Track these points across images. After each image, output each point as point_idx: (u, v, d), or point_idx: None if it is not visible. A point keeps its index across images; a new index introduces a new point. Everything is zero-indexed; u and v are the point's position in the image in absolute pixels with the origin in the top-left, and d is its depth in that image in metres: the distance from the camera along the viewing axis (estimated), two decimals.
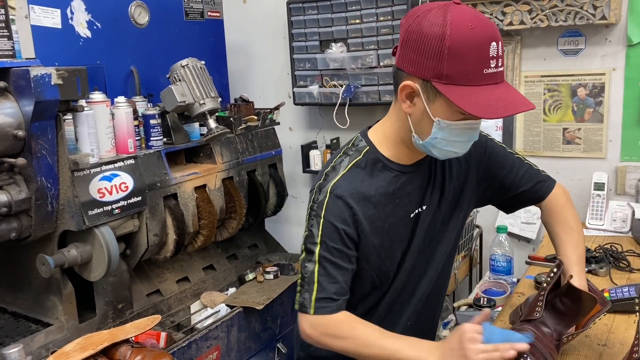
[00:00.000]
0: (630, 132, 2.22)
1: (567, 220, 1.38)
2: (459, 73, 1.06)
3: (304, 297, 1.19)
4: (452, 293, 2.24)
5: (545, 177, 1.41)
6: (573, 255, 1.33)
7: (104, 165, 1.91)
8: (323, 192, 1.20)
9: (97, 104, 1.91)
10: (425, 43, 1.07)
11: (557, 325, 1.24)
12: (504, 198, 1.41)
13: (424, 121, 1.14)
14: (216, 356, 2.14)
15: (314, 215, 1.20)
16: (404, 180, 1.24)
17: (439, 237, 1.34)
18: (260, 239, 2.78)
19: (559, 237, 1.38)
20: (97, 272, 1.90)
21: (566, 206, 1.41)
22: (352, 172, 1.22)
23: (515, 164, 1.38)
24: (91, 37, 2.18)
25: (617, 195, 2.27)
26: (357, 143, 1.27)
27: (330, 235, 1.18)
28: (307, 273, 1.19)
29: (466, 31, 1.05)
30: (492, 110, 1.07)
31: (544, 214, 1.42)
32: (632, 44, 2.16)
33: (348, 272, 1.21)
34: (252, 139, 2.54)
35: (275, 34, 2.96)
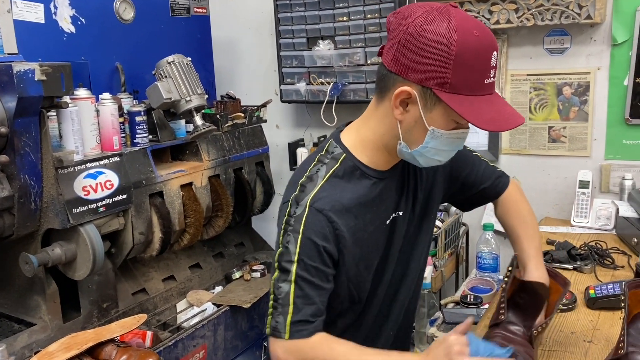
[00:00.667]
0: (615, 131, 2.25)
1: (521, 214, 1.40)
2: (462, 82, 1.02)
3: (276, 320, 1.09)
4: (438, 290, 2.25)
5: (501, 173, 1.43)
6: (529, 249, 1.34)
7: (88, 162, 1.88)
8: (301, 205, 1.11)
9: (81, 101, 1.89)
10: (430, 48, 1.01)
11: (524, 321, 1.26)
12: (465, 196, 1.41)
13: (416, 129, 1.09)
14: (203, 355, 2.13)
15: (291, 230, 1.10)
16: (382, 187, 1.19)
17: (414, 242, 1.32)
18: (247, 237, 2.77)
19: (515, 231, 1.39)
20: (81, 271, 1.88)
21: (521, 200, 1.42)
22: (331, 182, 1.14)
23: (475, 162, 1.38)
24: (75, 32, 2.15)
25: (602, 193, 2.30)
26: (331, 150, 1.19)
27: (309, 253, 1.09)
28: (282, 294, 1.09)
29: (472, 38, 1.01)
30: (495, 123, 1.04)
31: (499, 209, 1.43)
32: (616, 43, 2.18)
33: (326, 292, 1.13)
34: (238, 136, 2.53)
35: (262, 30, 2.94)
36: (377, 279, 1.26)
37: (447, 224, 2.27)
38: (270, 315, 1.11)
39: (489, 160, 1.43)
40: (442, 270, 2.19)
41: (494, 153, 2.46)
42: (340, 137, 1.20)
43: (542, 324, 1.24)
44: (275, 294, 1.11)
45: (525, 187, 2.44)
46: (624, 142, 2.24)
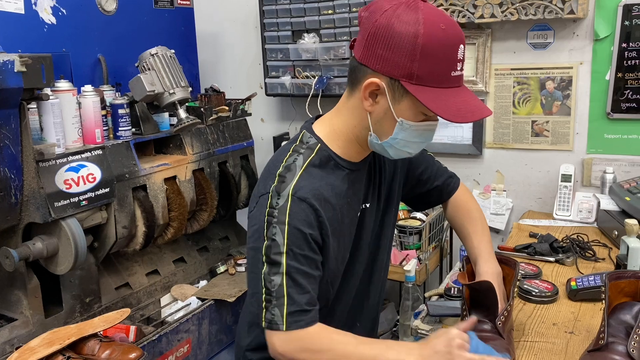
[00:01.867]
0: (597, 125, 2.27)
1: (470, 212, 1.45)
2: (429, 74, 1.03)
3: (272, 313, 1.09)
4: (423, 283, 2.26)
5: (452, 174, 1.48)
6: (480, 244, 1.38)
7: (70, 155, 1.86)
8: (283, 196, 1.10)
9: (63, 93, 1.86)
10: (397, 40, 1.03)
11: (488, 316, 1.27)
12: (417, 192, 1.44)
13: (385, 121, 1.10)
14: (187, 349, 2.12)
15: (276, 222, 1.09)
16: (353, 179, 1.20)
17: (380, 234, 1.33)
18: (231, 231, 2.76)
19: (465, 227, 1.43)
20: (63, 266, 1.86)
21: (470, 200, 1.48)
22: (309, 171, 1.14)
23: (430, 160, 1.43)
24: (56, 23, 2.11)
25: (584, 187, 2.33)
26: (306, 140, 1.19)
27: (297, 242, 1.09)
28: (275, 287, 1.08)
29: (439, 31, 1.02)
30: (460, 114, 1.05)
31: (450, 209, 1.47)
32: (598, 38, 2.20)
33: (316, 280, 1.13)
34: (223, 129, 2.51)
35: (247, 23, 2.92)
36: (349, 272, 1.27)
37: (431, 217, 2.28)
38: (264, 309, 1.10)
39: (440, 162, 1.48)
40: (426, 263, 2.20)
41: (477, 147, 2.48)
42: (313, 129, 1.21)
43: (503, 313, 1.26)
44: (268, 288, 1.10)
45: (509, 181, 2.47)
46: (605, 136, 2.27)
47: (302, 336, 1.10)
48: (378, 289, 1.39)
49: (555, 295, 1.55)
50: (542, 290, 1.56)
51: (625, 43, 2.16)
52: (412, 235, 2.22)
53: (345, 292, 1.29)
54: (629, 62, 2.17)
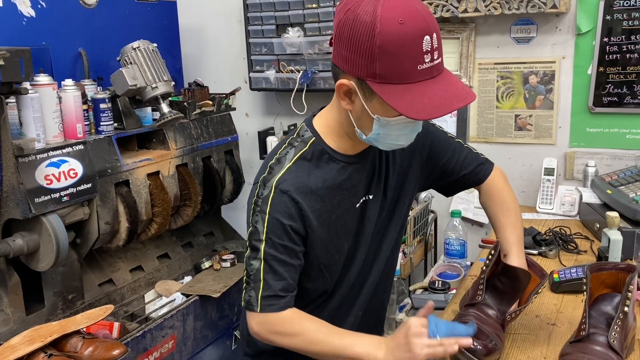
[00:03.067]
0: (579, 119, 2.29)
1: (505, 202, 1.41)
2: (391, 72, 1.02)
3: (249, 294, 1.17)
4: (407, 277, 2.27)
5: (484, 160, 1.43)
6: (511, 236, 1.36)
7: (51, 150, 1.83)
8: (267, 186, 1.16)
9: (42, 87, 1.83)
10: (357, 41, 1.02)
11: (499, 305, 1.27)
12: (445, 182, 1.41)
13: (364, 118, 1.11)
14: (172, 345, 2.11)
15: (259, 211, 1.16)
16: (350, 171, 1.21)
17: (387, 225, 1.33)
18: (216, 227, 2.75)
19: (498, 219, 1.41)
20: (45, 262, 1.84)
21: (505, 188, 1.43)
22: (298, 164, 1.18)
23: (457, 148, 1.39)
24: (35, 16, 2.08)
25: (566, 180, 2.35)
26: (302, 133, 1.22)
27: (276, 232, 1.14)
28: (253, 271, 1.16)
29: (396, 28, 0.99)
30: (426, 111, 1.02)
31: (482, 196, 1.44)
32: (581, 33, 2.22)
33: (295, 268, 1.18)
34: (207, 124, 2.49)
35: (231, 17, 2.90)
36: (349, 262, 1.29)
37: (415, 211, 2.29)
38: (244, 289, 1.19)
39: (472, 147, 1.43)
40: (411, 257, 2.21)
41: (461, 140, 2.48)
42: (313, 122, 1.23)
43: (515, 311, 1.26)
44: (248, 271, 1.18)
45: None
46: (587, 130, 2.29)
47: (275, 319, 1.16)
48: (376, 280, 1.37)
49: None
50: None
51: (607, 37, 2.17)
52: None
53: (344, 279, 1.31)
54: (610, 56, 2.18)
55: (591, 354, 1.11)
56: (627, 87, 2.18)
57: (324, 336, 1.15)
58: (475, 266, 1.80)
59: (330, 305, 1.32)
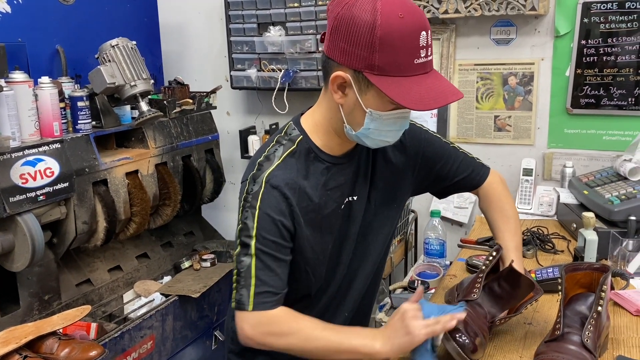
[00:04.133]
0: (557, 120, 2.32)
1: (504, 209, 1.42)
2: (390, 64, 1.04)
3: (241, 293, 1.13)
4: (387, 276, 2.28)
5: (480, 165, 1.44)
6: (511, 243, 1.37)
7: (26, 149, 1.80)
8: (258, 182, 1.15)
9: (18, 84, 1.80)
10: (356, 33, 1.04)
11: (491, 307, 1.28)
12: (441, 187, 1.42)
13: (356, 112, 1.12)
14: (151, 346, 2.09)
15: (249, 207, 1.15)
16: (335, 171, 1.22)
17: (373, 228, 1.33)
18: (196, 226, 2.73)
19: (497, 225, 1.42)
20: (20, 262, 1.81)
21: (503, 194, 1.45)
22: (287, 162, 1.18)
23: (452, 154, 1.39)
24: (11, 12, 2.04)
25: (544, 181, 2.38)
26: (289, 132, 1.23)
27: (267, 227, 1.13)
28: (244, 268, 1.13)
29: (396, 21, 1.02)
30: (423, 102, 1.05)
31: (481, 201, 1.46)
32: (559, 35, 2.25)
33: (286, 264, 1.17)
34: (187, 123, 2.47)
35: (212, 15, 2.88)
36: (334, 263, 1.28)
37: None
38: (234, 289, 1.15)
39: None
40: (391, 256, 2.22)
41: None
42: (300, 121, 1.24)
43: (505, 318, 1.27)
44: (238, 268, 1.15)
45: None
46: (565, 131, 2.32)
47: (268, 320, 1.13)
48: (365, 281, 1.37)
49: None
50: None
51: (585, 40, 2.20)
52: None
53: (331, 282, 1.30)
54: (587, 58, 2.22)
55: (565, 353, 1.13)
56: (604, 89, 2.21)
57: (320, 332, 1.14)
58: (454, 266, 1.82)
59: (317, 307, 1.31)
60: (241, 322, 1.14)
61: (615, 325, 1.36)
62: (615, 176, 1.98)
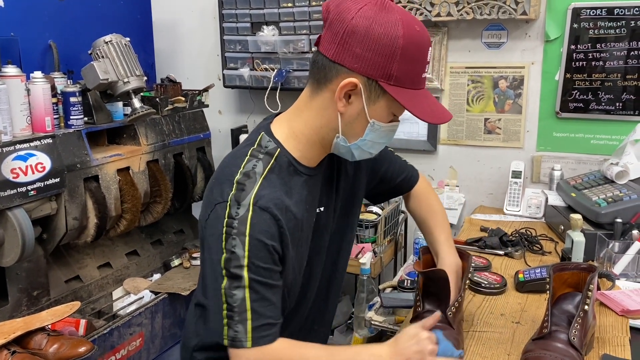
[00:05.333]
0: (546, 123, 2.35)
1: (432, 205, 1.47)
2: (406, 75, 1.03)
3: (235, 330, 1.02)
4: (377, 276, 2.29)
5: (412, 168, 1.50)
6: (441, 236, 1.40)
7: (18, 144, 1.79)
8: (243, 205, 1.03)
9: (10, 79, 1.79)
10: (377, 41, 1.01)
11: (440, 306, 1.29)
12: (381, 189, 1.44)
13: (357, 122, 1.08)
14: (140, 343, 2.09)
15: (236, 233, 1.02)
16: (311, 184, 1.16)
17: (341, 237, 1.32)
18: (186, 224, 2.73)
19: (426, 221, 1.46)
20: (9, 257, 1.80)
21: (431, 193, 1.51)
22: (269, 179, 1.08)
23: (391, 157, 1.44)
24: (4, 6, 2.03)
25: (533, 183, 2.41)
26: (264, 144, 1.12)
27: (259, 254, 1.02)
28: (237, 302, 1.02)
29: (416, 33, 1.02)
30: (436, 115, 1.07)
31: (410, 201, 1.49)
32: (549, 40, 2.28)
33: (279, 290, 1.08)
34: (179, 120, 2.47)
35: (205, 13, 2.88)
36: (308, 278, 1.24)
37: (386, 211, 2.31)
38: (226, 325, 1.03)
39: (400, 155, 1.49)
40: (381, 256, 2.23)
41: (432, 143, 2.53)
42: (272, 130, 1.15)
43: (454, 304, 1.29)
44: (229, 303, 1.03)
45: (462, 177, 2.53)
46: (554, 134, 2.35)
47: (270, 353, 1.04)
48: (337, 291, 1.39)
49: (503, 287, 1.60)
50: (491, 282, 1.61)
51: (574, 45, 2.24)
52: (367, 229, 2.24)
53: (304, 298, 1.26)
54: (577, 63, 2.25)
55: (552, 351, 1.15)
56: (592, 94, 2.25)
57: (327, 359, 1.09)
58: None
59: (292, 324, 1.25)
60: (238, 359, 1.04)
61: (601, 325, 1.38)
62: (603, 179, 2.01)
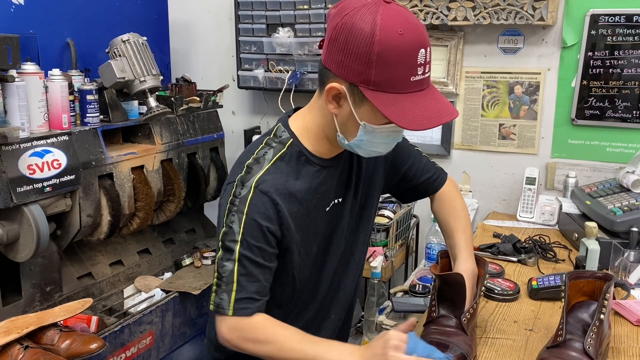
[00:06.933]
0: (561, 130, 2.34)
1: (456, 209, 1.46)
2: (386, 80, 1.03)
3: (220, 297, 1.13)
4: (388, 280, 2.29)
5: (440, 170, 1.49)
6: (461, 241, 1.39)
7: (35, 140, 1.81)
8: (246, 186, 1.13)
9: (29, 76, 1.81)
10: (354, 46, 1.02)
11: (454, 311, 1.29)
12: (405, 187, 1.45)
13: (349, 123, 1.11)
14: (150, 341, 2.09)
15: (235, 210, 1.12)
16: (325, 175, 1.21)
17: (357, 229, 1.34)
18: (198, 224, 2.73)
19: (449, 224, 1.44)
20: (24, 253, 1.81)
21: (457, 197, 1.49)
22: (277, 166, 1.16)
23: (417, 156, 1.43)
24: (24, 4, 2.05)
25: (547, 190, 2.39)
26: (279, 134, 1.20)
27: (253, 233, 1.11)
28: (226, 272, 1.12)
29: (395, 37, 1.01)
30: (416, 122, 1.04)
31: (435, 203, 1.48)
32: (566, 46, 2.27)
33: (270, 271, 1.16)
34: (193, 120, 2.48)
35: (221, 14, 2.90)
36: (320, 266, 1.28)
37: (398, 215, 2.30)
38: (214, 292, 1.15)
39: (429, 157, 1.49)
40: (392, 260, 2.23)
41: (446, 148, 2.52)
42: (289, 122, 1.22)
43: (469, 310, 1.28)
44: (220, 272, 1.14)
45: (475, 182, 2.52)
46: (569, 141, 2.33)
47: (247, 325, 1.13)
48: (353, 281, 1.39)
49: (516, 294, 1.59)
50: (505, 288, 1.60)
51: (591, 52, 2.22)
52: (379, 232, 2.24)
53: (319, 284, 1.30)
54: (593, 70, 2.23)
55: (567, 359, 1.14)
56: (609, 101, 2.23)
57: (297, 344, 1.12)
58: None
59: (305, 313, 1.31)
60: (220, 324, 1.15)
61: (616, 335, 1.37)
62: (618, 188, 1.99)
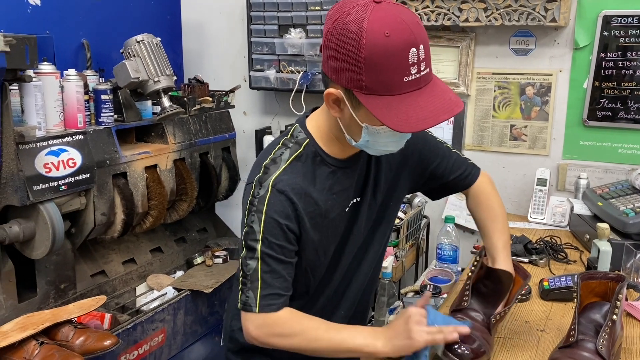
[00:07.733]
0: (573, 131, 2.33)
1: (493, 208, 1.43)
2: (377, 84, 1.02)
3: (247, 295, 1.16)
4: (398, 280, 2.29)
5: (472, 165, 1.45)
6: (499, 242, 1.38)
7: (51, 139, 1.83)
8: (264, 186, 1.15)
9: (46, 75, 1.84)
10: (343, 52, 1.02)
11: (485, 308, 1.30)
12: (434, 185, 1.43)
13: (353, 125, 1.12)
14: (162, 339, 2.11)
15: (255, 210, 1.15)
16: (341, 175, 1.22)
17: (375, 229, 1.35)
18: (209, 223, 2.75)
19: (486, 224, 1.43)
20: (40, 250, 1.84)
21: (492, 194, 1.46)
22: (293, 166, 1.18)
23: (446, 153, 1.41)
24: (40, 5, 2.08)
25: (558, 191, 2.39)
26: (296, 134, 1.22)
27: (273, 232, 1.14)
28: (250, 271, 1.16)
29: (382, 40, 0.99)
30: (410, 123, 1.03)
31: (470, 200, 1.46)
32: (578, 47, 2.26)
33: (292, 266, 1.19)
34: (205, 120, 2.50)
35: (233, 15, 2.92)
36: (334, 264, 1.30)
37: (409, 216, 2.31)
38: (240, 291, 1.17)
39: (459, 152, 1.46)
40: (402, 260, 2.23)
41: (457, 148, 2.49)
42: (306, 123, 1.24)
43: (500, 313, 1.29)
44: (244, 271, 1.17)
45: None
46: (580, 142, 2.33)
47: (274, 320, 1.16)
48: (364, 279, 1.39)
49: (528, 295, 1.59)
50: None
51: (603, 53, 2.22)
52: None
53: (331, 281, 1.32)
54: (606, 71, 2.23)
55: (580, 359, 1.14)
56: (621, 103, 2.23)
57: (323, 332, 1.16)
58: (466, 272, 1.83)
59: (316, 305, 1.32)
60: (247, 322, 1.17)
61: (628, 336, 1.37)
62: (630, 189, 1.99)
